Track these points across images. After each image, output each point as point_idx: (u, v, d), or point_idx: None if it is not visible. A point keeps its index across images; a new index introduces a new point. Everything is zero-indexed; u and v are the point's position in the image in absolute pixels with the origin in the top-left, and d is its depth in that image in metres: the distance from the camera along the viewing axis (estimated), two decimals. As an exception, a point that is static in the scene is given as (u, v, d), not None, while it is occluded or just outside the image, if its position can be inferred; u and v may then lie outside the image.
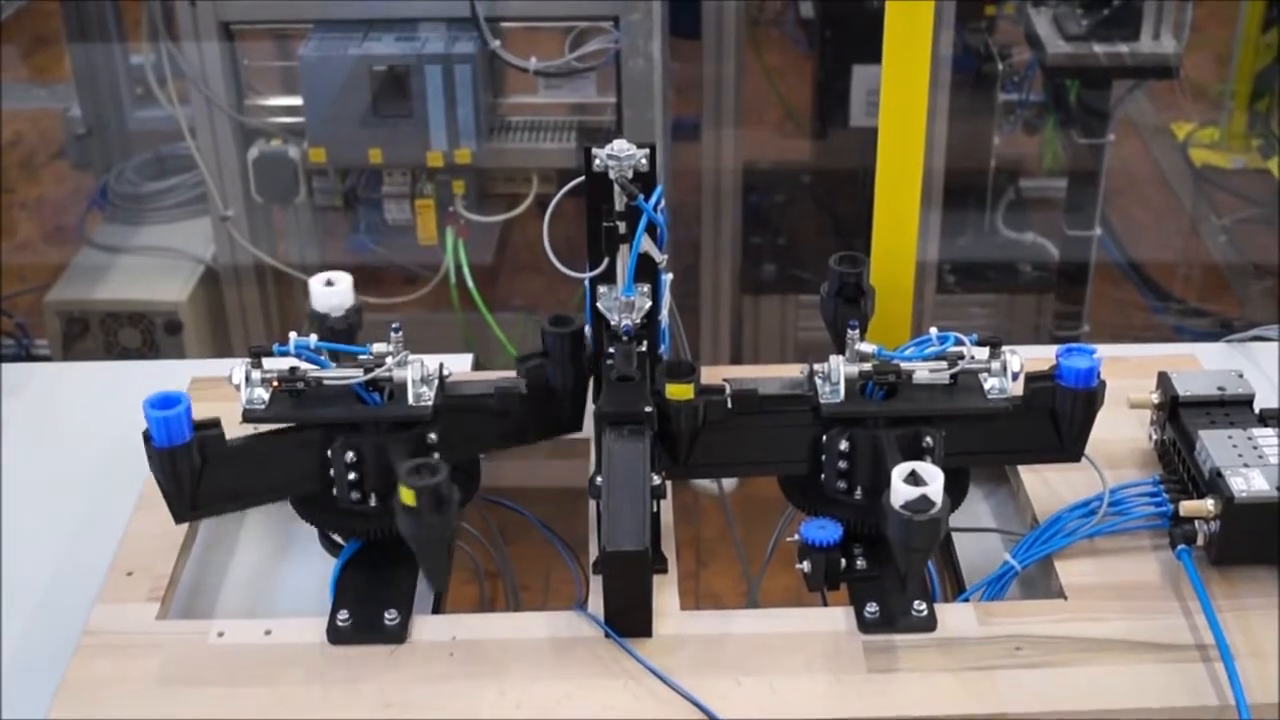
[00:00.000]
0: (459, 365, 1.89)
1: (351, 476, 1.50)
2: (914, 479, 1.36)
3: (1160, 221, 3.77)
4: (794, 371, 1.57)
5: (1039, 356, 1.58)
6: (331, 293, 1.63)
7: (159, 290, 3.07)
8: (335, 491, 1.51)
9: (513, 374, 1.58)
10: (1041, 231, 3.35)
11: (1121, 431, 1.67)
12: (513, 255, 3.24)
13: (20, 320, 3.39)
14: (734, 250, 3.26)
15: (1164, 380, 1.64)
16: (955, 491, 1.53)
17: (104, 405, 1.82)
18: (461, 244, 2.95)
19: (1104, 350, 1.53)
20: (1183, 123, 3.96)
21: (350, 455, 1.48)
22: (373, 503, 1.51)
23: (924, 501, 1.35)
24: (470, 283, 2.93)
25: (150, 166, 3.33)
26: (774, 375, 1.58)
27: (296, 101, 2.95)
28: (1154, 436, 1.66)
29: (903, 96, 1.82)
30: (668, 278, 1.59)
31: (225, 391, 1.50)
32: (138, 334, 3.04)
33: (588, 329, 1.58)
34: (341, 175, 2.99)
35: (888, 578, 1.48)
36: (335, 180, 2.99)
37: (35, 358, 3.31)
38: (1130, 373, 1.73)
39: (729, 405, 1.53)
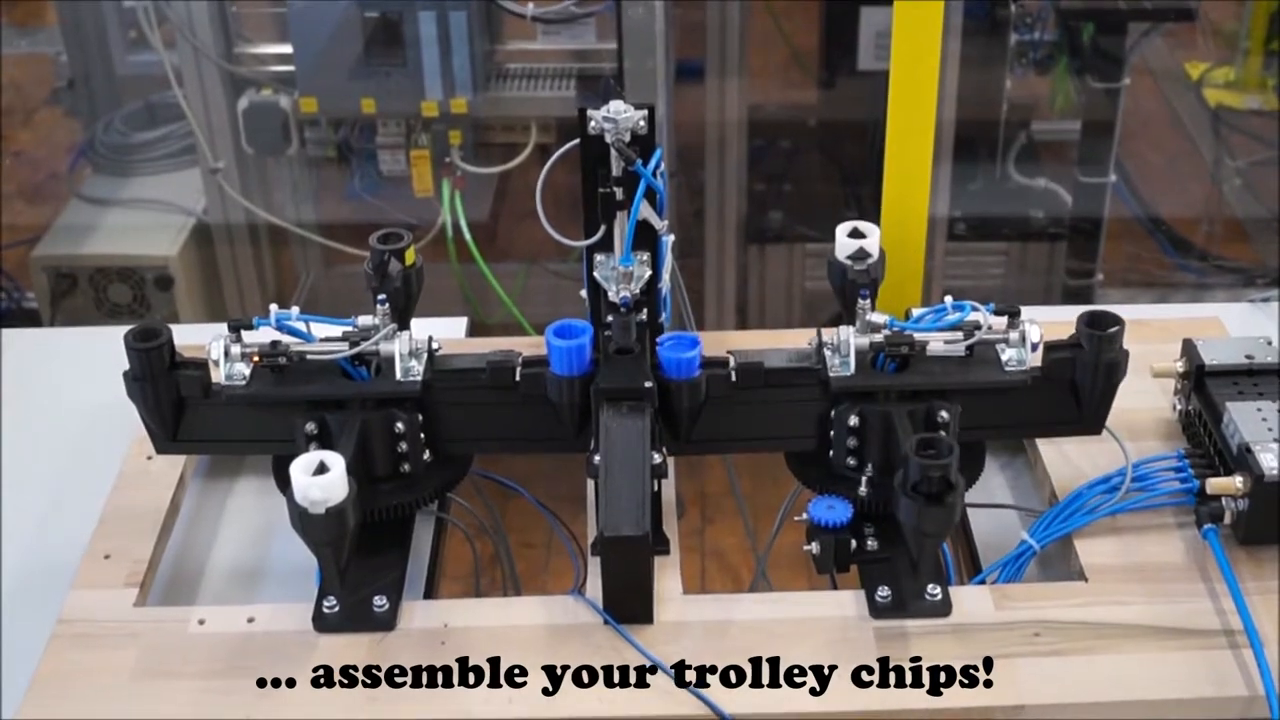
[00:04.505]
0: (453, 329, 1.86)
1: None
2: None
3: (1175, 166, 3.70)
4: (802, 340, 1.51)
5: (1056, 320, 1.52)
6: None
7: (149, 245, 3.01)
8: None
9: (509, 343, 1.52)
10: (1054, 178, 3.29)
11: (1144, 401, 1.62)
12: (511, 207, 3.19)
13: (8, 274, 3.32)
14: (739, 198, 3.20)
15: (1189, 348, 1.58)
16: (971, 468, 1.49)
17: (87, 372, 1.77)
18: (458, 195, 2.91)
19: (1124, 312, 1.48)
20: (1196, 63, 3.89)
21: (311, 427, 1.45)
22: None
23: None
24: (467, 235, 2.89)
25: (139, 116, 3.27)
26: (781, 345, 1.52)
27: (287, 50, 2.89)
28: (1178, 407, 1.61)
29: (915, 43, 1.74)
30: (669, 241, 1.53)
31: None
32: (128, 289, 2.99)
33: (585, 292, 1.53)
34: (334, 126, 2.94)
35: (900, 559, 1.42)
36: (328, 131, 2.94)
37: (25, 311, 3.26)
38: (1152, 337, 1.68)
39: (733, 379, 1.48)
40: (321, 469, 1.30)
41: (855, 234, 1.51)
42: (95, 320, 2.98)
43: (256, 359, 1.45)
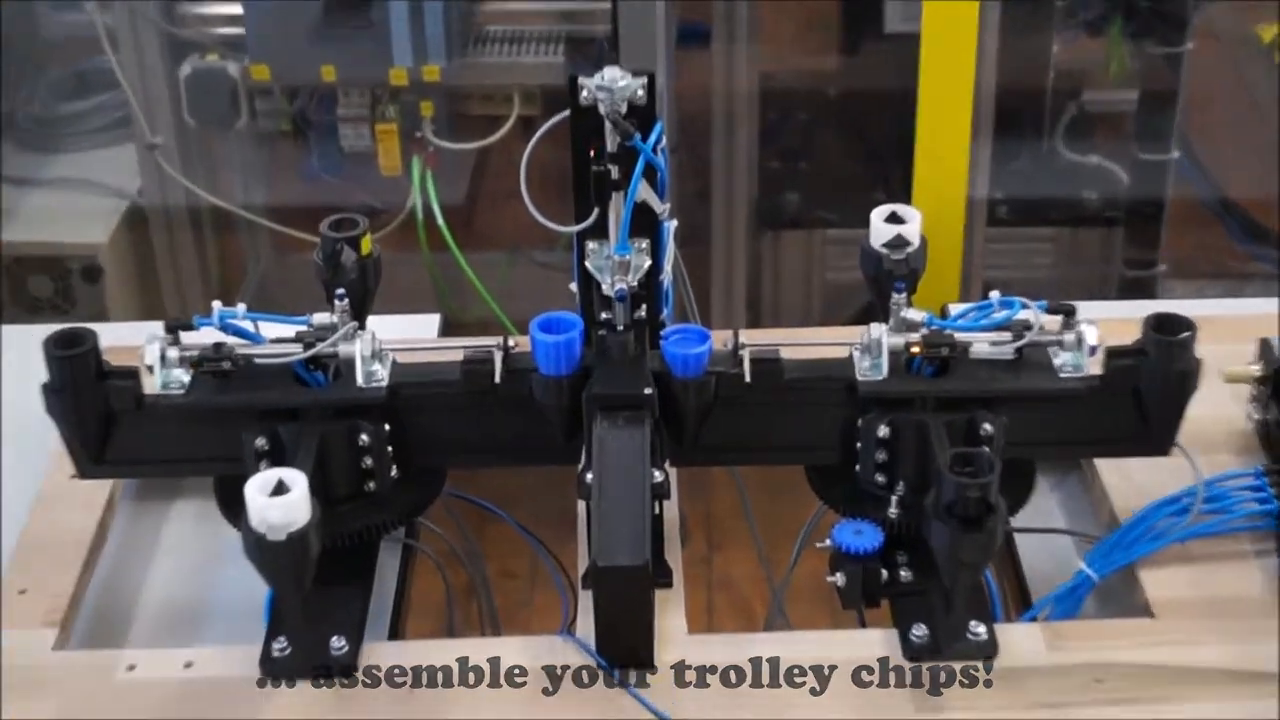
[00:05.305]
0: (425, 327, 1.87)
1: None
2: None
3: (1246, 141, 3.69)
4: (820, 338, 1.51)
5: (1113, 316, 1.51)
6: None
7: (75, 231, 2.98)
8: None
9: (489, 340, 1.51)
10: (1109, 155, 3.27)
11: (1216, 409, 1.60)
12: (491, 188, 3.17)
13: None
14: (750, 178, 3.19)
15: (1266, 348, 1.58)
16: (1018, 487, 1.48)
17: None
18: (430, 175, 2.89)
19: (1191, 307, 1.47)
20: (1268, 25, 3.88)
21: (262, 442, 1.44)
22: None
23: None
24: (441, 220, 2.86)
25: (66, 84, 3.25)
26: (797, 342, 1.51)
27: (236, 9, 2.86)
28: (1255, 416, 1.60)
29: (950, 2, 1.73)
30: (670, 227, 1.52)
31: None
32: (49, 282, 2.96)
33: (575, 285, 1.51)
34: (289, 96, 2.91)
35: (938, 593, 1.41)
36: (282, 102, 2.90)
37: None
38: (1224, 336, 1.64)
39: (746, 380, 1.47)
40: (280, 488, 1.29)
41: (893, 219, 1.51)
42: (11, 317, 2.96)
43: (197, 364, 1.44)
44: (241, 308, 1.46)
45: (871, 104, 3.32)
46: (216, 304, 1.45)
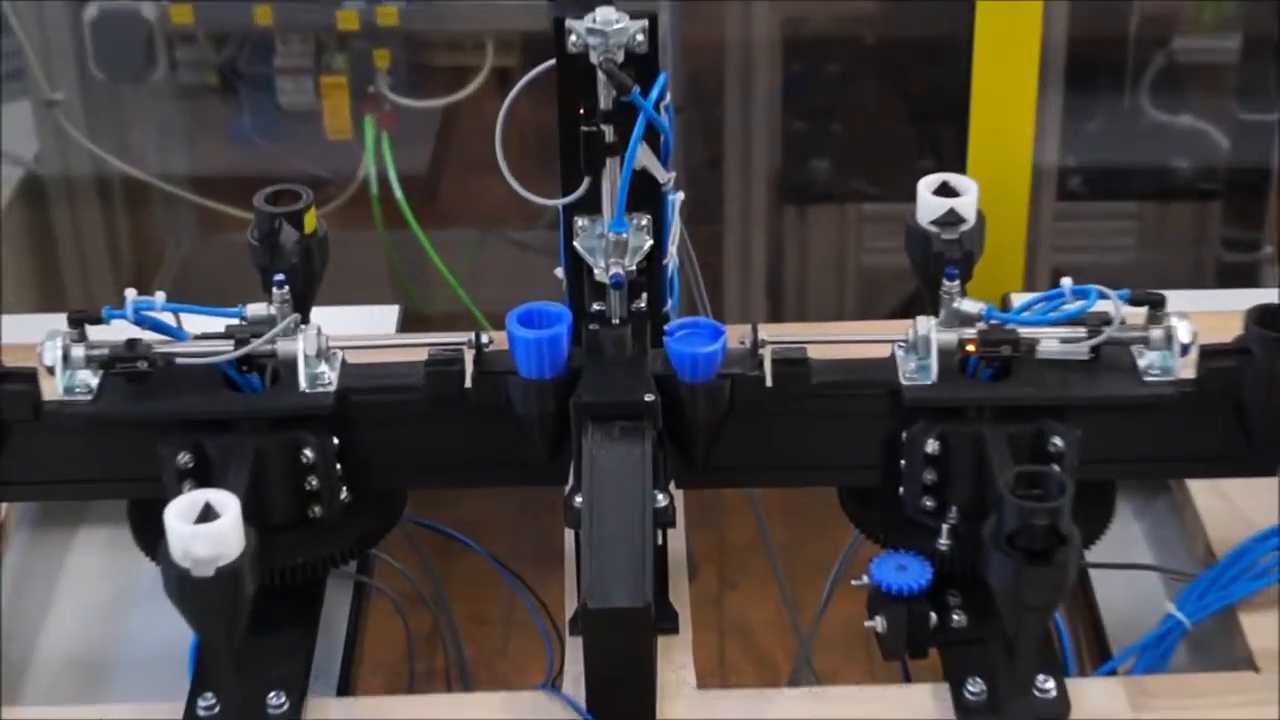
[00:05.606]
0: (382, 320, 1.88)
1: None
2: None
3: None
4: (862, 332, 1.52)
5: (1211, 309, 1.52)
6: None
7: (-42, 204, 3.00)
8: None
9: (454, 337, 1.51)
10: (1204, 114, 3.29)
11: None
12: (459, 154, 3.18)
13: None
14: (770, 142, 3.21)
15: None
16: (1095, 514, 1.49)
17: None
18: (386, 139, 2.89)
19: None
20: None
21: (185, 458, 1.44)
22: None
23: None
24: (399, 192, 2.87)
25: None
26: (832, 335, 1.53)
27: (151, -62, 2.88)
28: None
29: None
30: (676, 200, 1.53)
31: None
32: (-74, 267, 2.98)
33: (561, 269, 1.52)
34: (216, 43, 2.93)
35: (998, 640, 1.41)
36: (207, 50, 2.92)
37: None
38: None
39: (767, 384, 1.48)
40: (208, 514, 1.29)
41: (945, 191, 1.51)
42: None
43: (107, 365, 1.44)
44: (160, 297, 1.46)
45: (917, 53, 3.32)
46: (130, 292, 1.45)
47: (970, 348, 1.45)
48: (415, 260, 2.96)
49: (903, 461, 1.48)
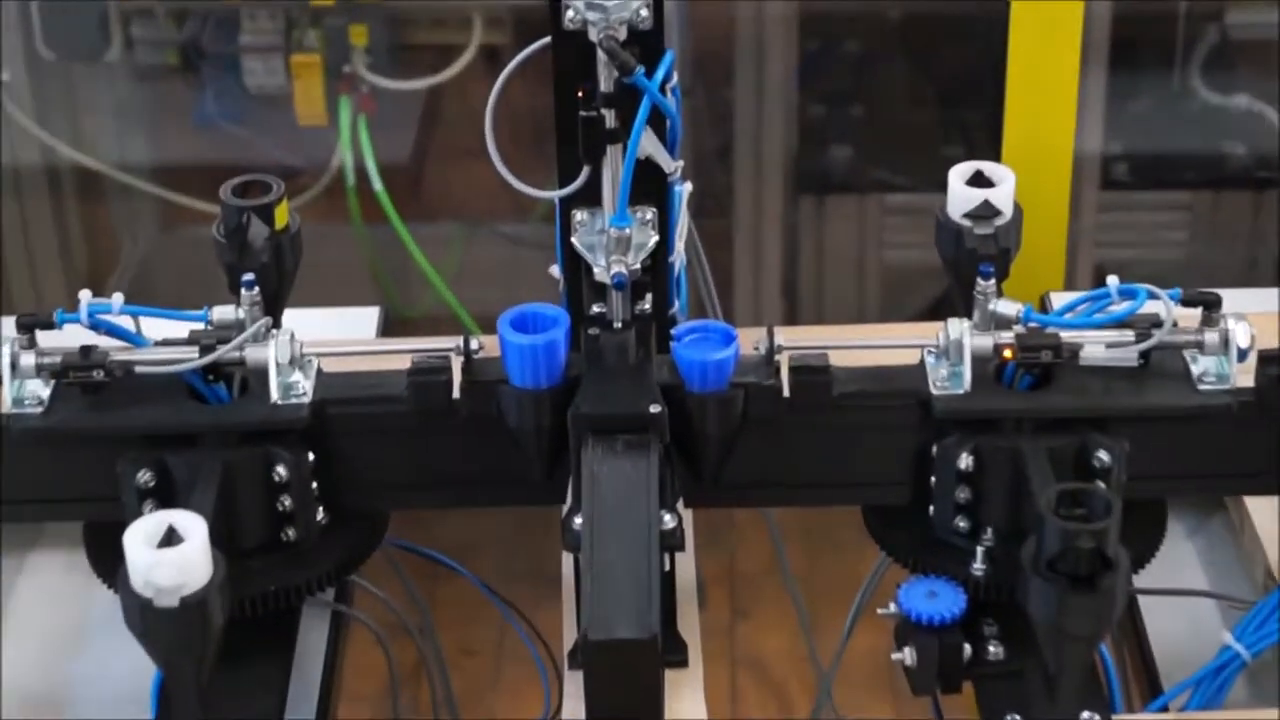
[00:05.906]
0: (361, 324, 1.89)
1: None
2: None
3: None
4: (887, 336, 1.52)
5: (1273, 309, 1.57)
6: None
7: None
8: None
9: (440, 343, 1.52)
10: (1260, 95, 3.29)
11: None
12: (444, 140, 3.18)
13: None
14: (785, 127, 3.21)
15: None
16: (1144, 536, 1.50)
17: None
18: (364, 124, 2.90)
19: None
20: None
21: (147, 476, 1.44)
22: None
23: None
24: (378, 184, 2.88)
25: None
26: (855, 340, 1.53)
27: (104, -96, 2.89)
28: None
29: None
30: (683, 192, 1.54)
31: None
32: None
33: (557, 268, 1.53)
34: (177, 19, 2.92)
35: (1037, 673, 1.41)
36: (167, 26, 2.92)
37: None
38: None
39: (784, 394, 1.49)
40: (172, 538, 1.29)
41: (978, 181, 1.52)
42: None
43: (60, 374, 1.45)
44: (117, 299, 1.47)
45: (946, 29, 3.32)
46: (85, 294, 1.46)
47: (1007, 353, 1.46)
48: (397, 258, 2.97)
49: (933, 478, 1.49)
